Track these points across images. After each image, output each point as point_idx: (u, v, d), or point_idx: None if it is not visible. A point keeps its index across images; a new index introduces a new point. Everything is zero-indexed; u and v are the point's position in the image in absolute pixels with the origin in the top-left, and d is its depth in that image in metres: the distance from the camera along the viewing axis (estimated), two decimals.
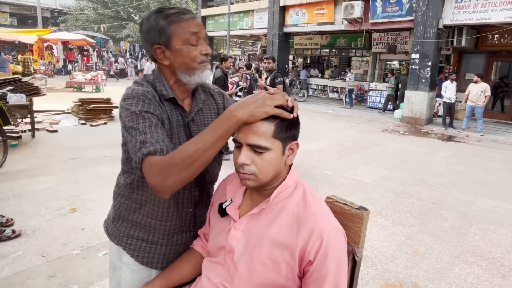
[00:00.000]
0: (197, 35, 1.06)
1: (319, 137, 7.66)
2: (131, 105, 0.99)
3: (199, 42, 1.07)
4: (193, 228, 1.24)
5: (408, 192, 4.49)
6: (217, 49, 26.82)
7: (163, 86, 1.09)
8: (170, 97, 1.09)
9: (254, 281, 0.95)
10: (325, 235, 0.89)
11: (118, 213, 1.20)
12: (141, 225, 1.16)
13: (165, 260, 1.19)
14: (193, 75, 1.08)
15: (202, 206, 1.24)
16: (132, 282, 1.18)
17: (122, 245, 1.18)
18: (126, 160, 1.12)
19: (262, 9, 14.42)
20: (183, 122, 1.12)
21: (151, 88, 1.06)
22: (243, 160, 0.92)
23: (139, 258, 1.16)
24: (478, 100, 8.67)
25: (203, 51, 1.07)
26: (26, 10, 29.90)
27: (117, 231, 1.19)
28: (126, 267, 1.18)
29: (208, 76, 1.12)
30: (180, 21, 1.04)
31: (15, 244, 2.74)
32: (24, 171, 4.41)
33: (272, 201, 0.98)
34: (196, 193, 1.19)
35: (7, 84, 5.76)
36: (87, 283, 2.31)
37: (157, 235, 1.17)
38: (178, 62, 1.06)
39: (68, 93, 12.63)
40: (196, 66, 1.07)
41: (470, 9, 9.02)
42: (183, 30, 1.04)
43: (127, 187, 1.14)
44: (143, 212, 1.15)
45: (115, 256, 1.21)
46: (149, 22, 1.06)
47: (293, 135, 0.97)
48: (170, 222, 1.16)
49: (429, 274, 2.66)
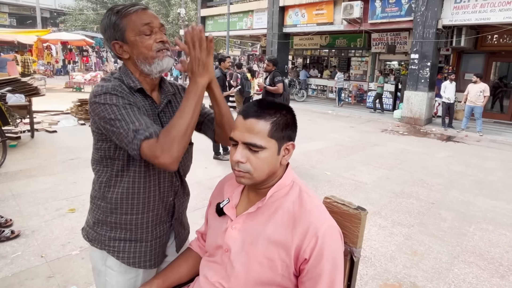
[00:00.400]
0: (149, 25, 1.09)
1: (318, 137, 7.66)
2: (106, 100, 1.02)
3: (153, 31, 1.10)
4: (171, 218, 1.25)
5: (407, 192, 4.49)
6: (217, 49, 26.81)
7: (130, 79, 1.12)
8: (138, 88, 1.12)
9: (251, 279, 0.95)
10: (320, 234, 0.90)
11: (96, 217, 1.18)
12: (121, 225, 1.15)
13: (152, 257, 1.19)
14: (153, 64, 1.10)
15: (181, 196, 1.27)
16: (118, 285, 1.17)
17: (106, 249, 1.16)
18: (100, 158, 1.13)
19: (262, 9, 14.43)
20: (154, 113, 1.16)
21: (119, 82, 1.10)
22: (238, 158, 0.93)
23: (125, 259, 1.15)
24: (477, 100, 8.67)
25: (158, 39, 1.10)
26: (25, 10, 29.90)
27: (98, 236, 1.17)
28: (112, 271, 1.17)
29: (169, 64, 1.14)
30: (130, 14, 1.09)
31: (14, 245, 2.73)
32: (23, 172, 4.41)
33: (268, 200, 0.98)
34: (177, 183, 1.23)
35: (6, 84, 5.76)
36: (86, 284, 2.31)
37: (139, 231, 1.16)
38: (136, 53, 1.10)
39: (68, 93, 12.62)
40: (154, 54, 1.10)
41: (469, 10, 9.03)
42: (134, 23, 1.08)
43: (103, 187, 1.14)
44: (121, 211, 1.14)
45: (99, 261, 1.19)
46: (104, 22, 1.12)
47: (289, 135, 0.98)
48: (152, 213, 1.17)
49: (428, 274, 2.67)
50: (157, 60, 1.10)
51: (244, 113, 0.96)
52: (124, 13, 1.09)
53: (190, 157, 1.29)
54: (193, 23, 4.05)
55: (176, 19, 24.05)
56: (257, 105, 0.96)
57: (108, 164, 1.12)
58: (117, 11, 1.09)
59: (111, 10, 1.11)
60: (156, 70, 1.12)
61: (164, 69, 1.13)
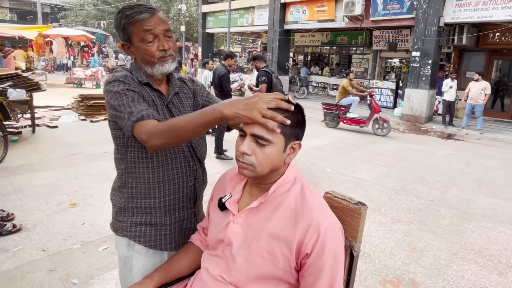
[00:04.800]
0: (152, 32, 1.13)
1: (318, 135, 7.67)
2: (113, 87, 1.11)
3: (157, 39, 1.14)
4: (193, 205, 1.30)
5: (407, 189, 4.50)
6: (217, 45, 26.76)
7: (138, 74, 1.19)
8: (145, 82, 1.19)
9: (252, 273, 0.96)
10: (322, 229, 0.91)
11: (118, 205, 1.24)
12: (141, 209, 1.21)
13: (172, 240, 1.25)
14: (154, 68, 1.17)
15: (201, 182, 1.32)
16: (145, 268, 1.22)
17: (128, 235, 1.22)
18: (117, 148, 1.22)
19: (263, 6, 14.38)
20: (163, 104, 1.22)
21: (129, 73, 1.18)
22: (244, 149, 0.94)
23: (146, 242, 1.21)
24: (478, 98, 8.67)
25: (160, 47, 1.15)
26: (26, 5, 29.81)
27: (121, 224, 1.24)
28: (139, 255, 1.23)
29: (170, 68, 1.19)
30: (136, 21, 1.13)
31: (16, 239, 2.75)
32: (24, 166, 4.42)
33: (270, 196, 0.99)
34: (195, 167, 1.27)
35: (7, 79, 5.76)
36: (87, 277, 2.33)
37: (158, 214, 1.21)
38: (140, 57, 1.17)
39: (68, 89, 12.62)
40: (155, 61, 1.16)
41: (471, 7, 9.00)
42: (138, 30, 1.13)
43: (123, 173, 1.21)
44: (140, 195, 1.20)
45: (125, 248, 1.25)
46: (116, 22, 1.18)
47: (297, 134, 0.98)
48: (168, 197, 1.21)
49: (426, 271, 2.68)
50: (158, 65, 1.17)
51: None
52: (131, 20, 1.13)
53: (204, 141, 1.35)
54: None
55: (177, 15, 23.99)
56: None
57: (124, 152, 1.19)
58: (127, 15, 1.14)
59: (122, 13, 1.15)
60: (157, 73, 1.19)
61: (165, 72, 1.20)
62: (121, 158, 1.20)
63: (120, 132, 1.16)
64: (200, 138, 1.31)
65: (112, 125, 1.18)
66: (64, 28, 18.99)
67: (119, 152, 1.21)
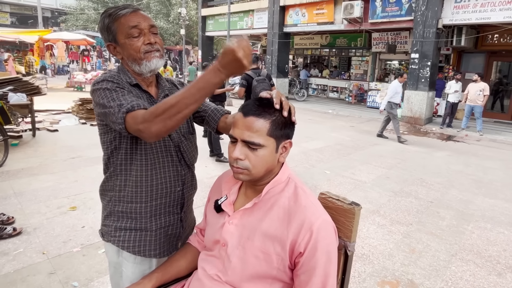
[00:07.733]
0: (137, 27, 1.12)
1: (318, 137, 7.68)
2: (102, 85, 1.09)
3: (142, 33, 1.13)
4: (180, 210, 1.27)
5: (406, 191, 4.51)
6: (217, 49, 26.81)
7: (127, 75, 1.17)
8: (134, 83, 1.17)
9: (247, 273, 0.98)
10: (315, 228, 0.92)
11: (107, 210, 1.23)
12: (127, 214, 1.19)
13: (157, 246, 1.22)
14: (141, 65, 1.15)
15: (189, 187, 1.29)
16: (134, 276, 1.20)
17: (112, 240, 1.20)
18: (107, 152, 1.19)
19: (262, 9, 14.44)
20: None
21: (118, 74, 1.17)
22: (237, 155, 0.95)
23: (130, 248, 1.19)
24: (477, 100, 8.67)
25: (146, 41, 1.14)
26: (27, 10, 29.93)
27: (107, 229, 1.22)
28: (127, 262, 1.21)
29: (158, 64, 1.17)
30: (120, 17, 1.13)
31: (16, 242, 2.77)
32: (25, 170, 4.44)
33: (264, 196, 1.01)
34: (183, 172, 1.24)
35: (8, 83, 5.80)
36: (87, 280, 2.34)
37: (144, 220, 1.19)
38: (126, 54, 1.15)
39: (69, 92, 12.66)
40: (142, 56, 1.14)
41: (469, 9, 9.03)
42: (123, 25, 1.12)
43: (112, 176, 1.19)
44: (127, 199, 1.18)
45: (115, 255, 1.23)
46: (100, 24, 1.17)
47: (287, 133, 1.00)
48: (155, 202, 1.19)
49: (425, 272, 2.69)
50: (145, 61, 1.14)
51: (244, 110, 0.97)
52: (115, 16, 1.13)
53: (194, 146, 1.31)
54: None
55: (177, 19, 24.08)
56: (258, 103, 0.98)
57: (114, 155, 1.17)
58: (109, 14, 1.14)
59: (105, 13, 1.15)
60: (146, 71, 1.16)
61: (154, 69, 1.17)
62: (111, 162, 1.18)
63: (108, 136, 1.15)
64: (189, 143, 1.27)
65: (101, 128, 1.17)
66: (64, 32, 19.11)
67: (108, 157, 1.19)
